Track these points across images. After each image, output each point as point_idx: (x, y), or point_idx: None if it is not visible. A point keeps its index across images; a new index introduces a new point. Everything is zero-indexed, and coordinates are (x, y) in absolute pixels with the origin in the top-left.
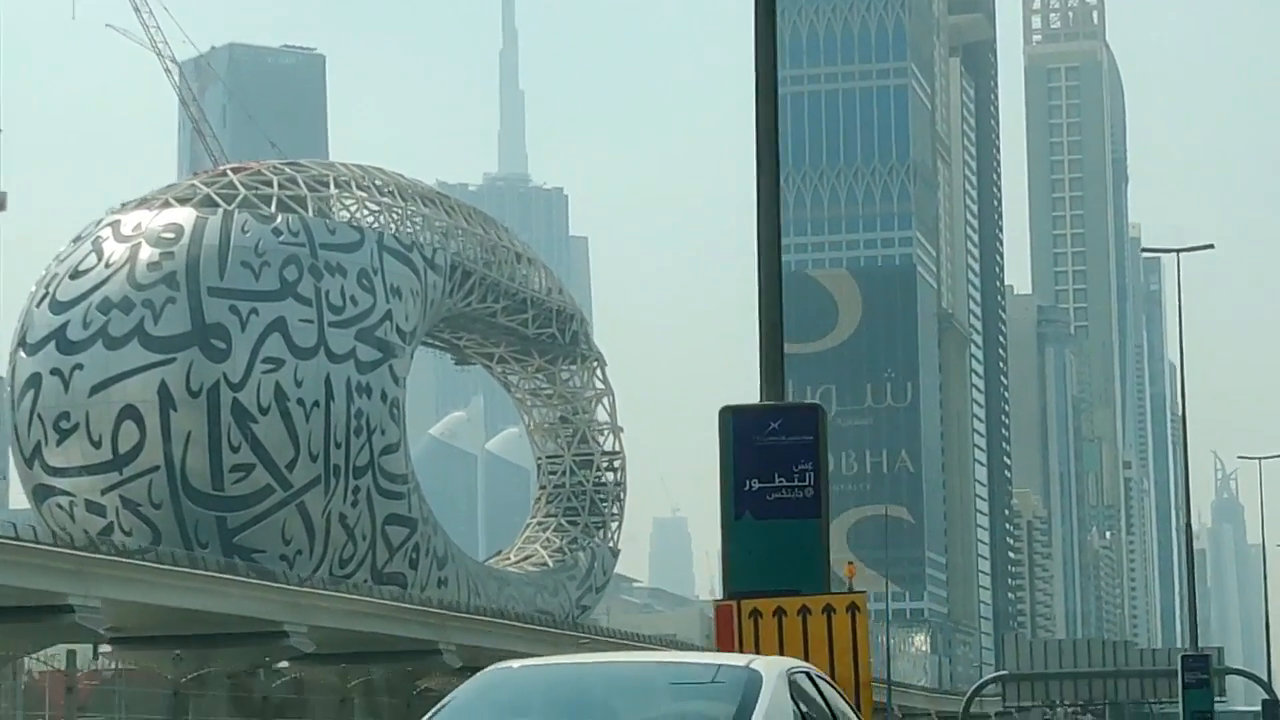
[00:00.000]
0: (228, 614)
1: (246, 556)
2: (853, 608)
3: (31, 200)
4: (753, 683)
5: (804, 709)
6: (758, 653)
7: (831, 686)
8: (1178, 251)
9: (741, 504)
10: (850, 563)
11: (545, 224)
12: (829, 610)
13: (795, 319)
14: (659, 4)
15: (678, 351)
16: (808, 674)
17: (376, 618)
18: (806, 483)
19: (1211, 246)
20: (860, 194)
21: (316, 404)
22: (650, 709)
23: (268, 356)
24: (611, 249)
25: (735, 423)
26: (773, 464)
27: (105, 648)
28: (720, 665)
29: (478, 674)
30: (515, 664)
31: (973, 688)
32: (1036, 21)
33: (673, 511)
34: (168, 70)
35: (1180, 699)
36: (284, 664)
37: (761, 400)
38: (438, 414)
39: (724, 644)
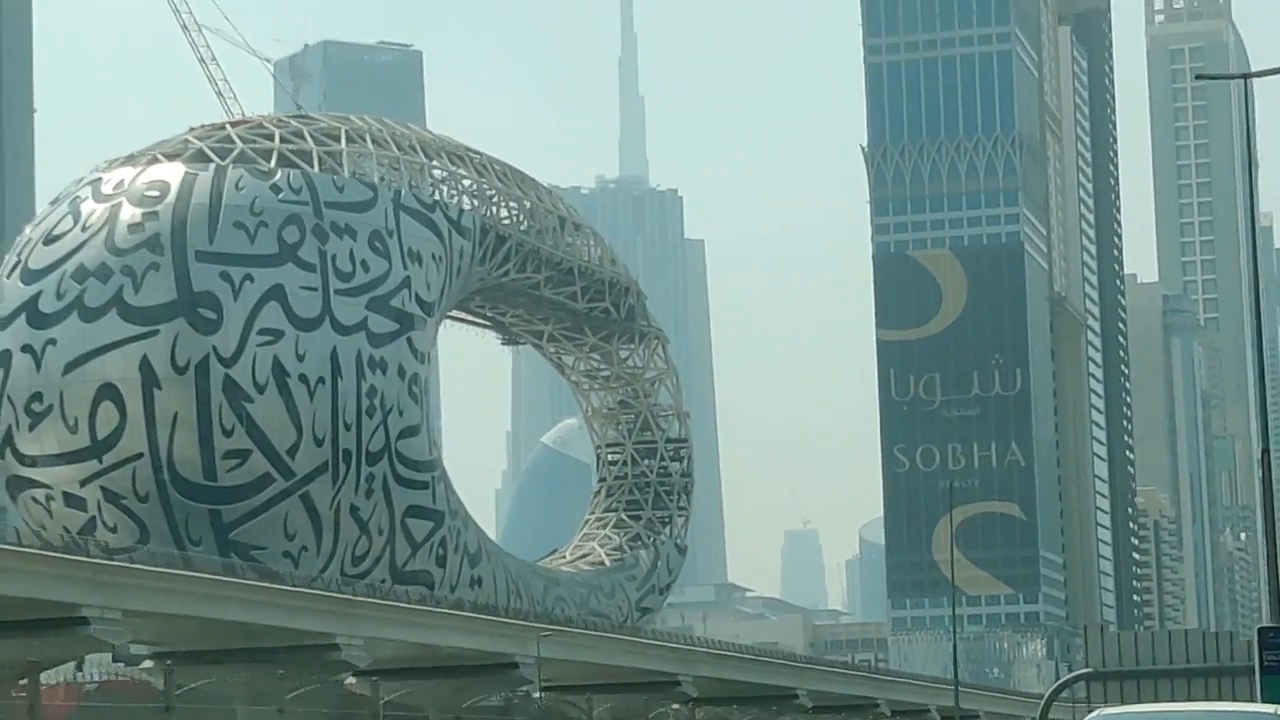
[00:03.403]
0: None
1: (245, 555)
2: None
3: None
4: None
5: None
6: None
7: None
8: (1244, 77)
9: None
10: None
11: (660, 227)
12: None
13: (896, 303)
14: (773, 5)
15: (796, 356)
16: None
17: (250, 605)
18: None
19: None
20: (963, 168)
21: (321, 380)
22: None
23: (264, 328)
24: (727, 251)
25: None
26: None
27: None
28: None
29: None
30: (1116, 709)
31: (1051, 689)
32: (1159, 1)
33: (803, 524)
34: (185, 28)
35: (1257, 685)
36: None
37: None
38: (553, 420)
39: None
